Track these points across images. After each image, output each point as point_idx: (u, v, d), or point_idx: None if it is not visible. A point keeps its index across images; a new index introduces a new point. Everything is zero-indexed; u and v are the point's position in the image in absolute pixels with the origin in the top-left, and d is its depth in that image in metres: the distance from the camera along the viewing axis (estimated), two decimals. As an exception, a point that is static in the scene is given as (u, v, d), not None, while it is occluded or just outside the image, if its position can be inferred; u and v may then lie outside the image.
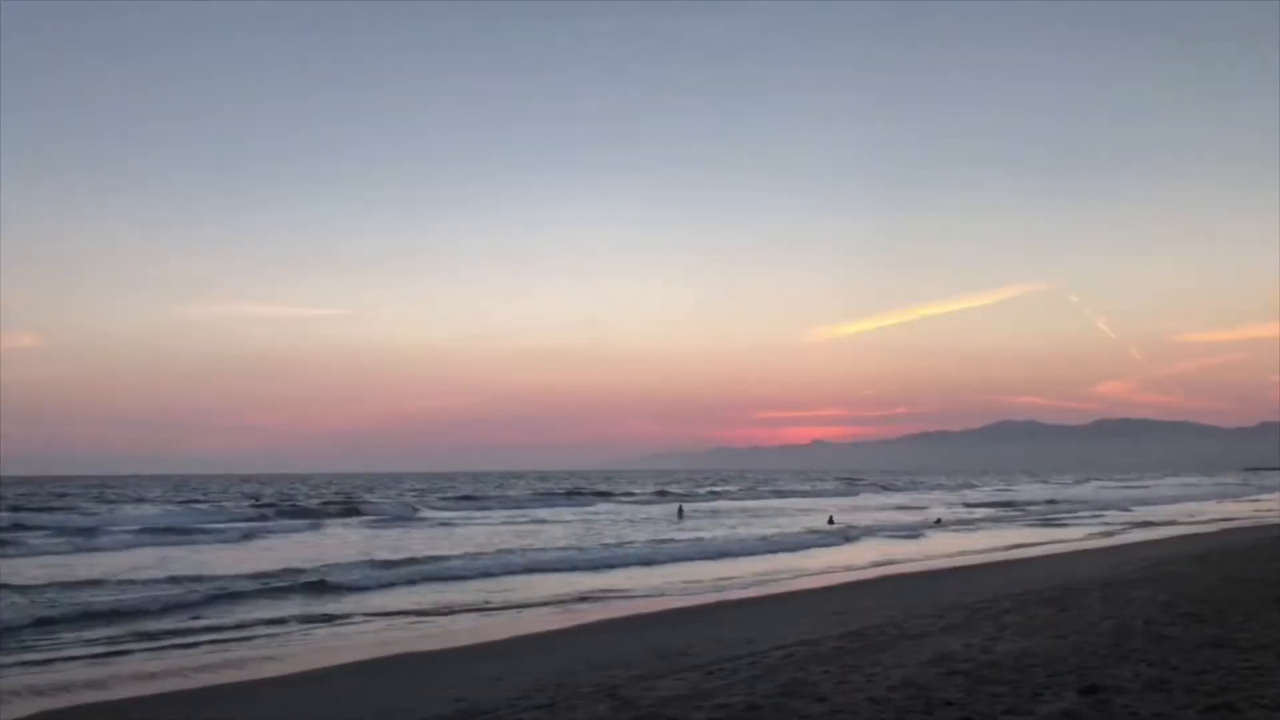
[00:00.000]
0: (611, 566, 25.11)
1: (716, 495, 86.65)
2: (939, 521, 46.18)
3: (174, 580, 21.09)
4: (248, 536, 37.04)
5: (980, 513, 56.36)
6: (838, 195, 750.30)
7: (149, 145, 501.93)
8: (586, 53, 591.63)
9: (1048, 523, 45.88)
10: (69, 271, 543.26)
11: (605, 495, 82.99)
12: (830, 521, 44.77)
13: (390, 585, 20.91)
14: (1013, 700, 8.16)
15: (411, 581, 21.54)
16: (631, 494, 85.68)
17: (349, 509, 58.55)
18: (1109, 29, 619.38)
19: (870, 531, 38.62)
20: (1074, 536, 36.70)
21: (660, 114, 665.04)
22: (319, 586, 20.31)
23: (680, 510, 57.27)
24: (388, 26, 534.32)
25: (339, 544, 33.46)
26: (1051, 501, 69.04)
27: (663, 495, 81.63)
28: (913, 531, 39.33)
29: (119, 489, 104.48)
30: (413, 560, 25.21)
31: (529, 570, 23.93)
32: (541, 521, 47.86)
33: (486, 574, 22.92)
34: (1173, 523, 44.28)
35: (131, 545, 32.78)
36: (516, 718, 8.66)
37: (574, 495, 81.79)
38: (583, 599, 19.40)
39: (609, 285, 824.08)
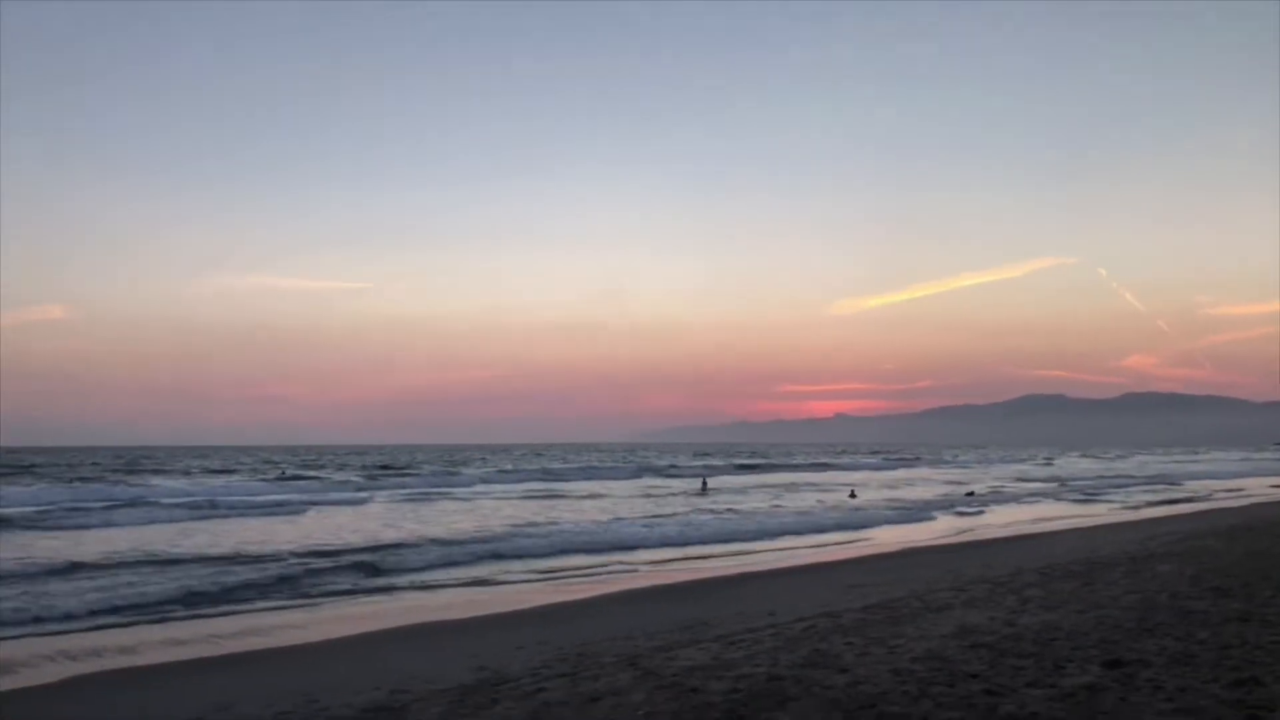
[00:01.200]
0: (647, 545, 24.37)
1: (752, 469, 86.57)
2: (971, 494, 45.57)
3: (225, 558, 20.95)
4: (301, 510, 36.97)
5: (1028, 487, 55.21)
6: (862, 169, 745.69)
7: (174, 121, 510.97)
8: (610, 27, 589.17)
9: (1093, 498, 44.88)
10: (96, 245, 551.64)
11: (648, 469, 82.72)
12: (851, 495, 44.49)
13: (436, 565, 20.36)
14: (1036, 673, 8.10)
15: (456, 562, 20.82)
16: (676, 468, 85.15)
17: (398, 482, 60.43)
18: (1140, 6, 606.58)
19: (935, 506, 37.91)
20: (1099, 511, 36.35)
21: (686, 89, 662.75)
22: (368, 566, 19.78)
23: (704, 484, 54.82)
24: (411, 4, 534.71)
25: (392, 519, 32.87)
26: (1100, 477, 68.22)
27: (709, 469, 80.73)
28: (968, 507, 38.37)
29: (148, 460, 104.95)
30: (477, 538, 24.73)
31: (567, 547, 23.39)
32: (586, 496, 47.08)
33: (526, 553, 22.37)
34: (1209, 497, 43.70)
35: (188, 519, 32.66)
36: (538, 686, 8.72)
37: (614, 469, 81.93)
38: (610, 571, 19.55)
39: (631, 259, 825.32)
